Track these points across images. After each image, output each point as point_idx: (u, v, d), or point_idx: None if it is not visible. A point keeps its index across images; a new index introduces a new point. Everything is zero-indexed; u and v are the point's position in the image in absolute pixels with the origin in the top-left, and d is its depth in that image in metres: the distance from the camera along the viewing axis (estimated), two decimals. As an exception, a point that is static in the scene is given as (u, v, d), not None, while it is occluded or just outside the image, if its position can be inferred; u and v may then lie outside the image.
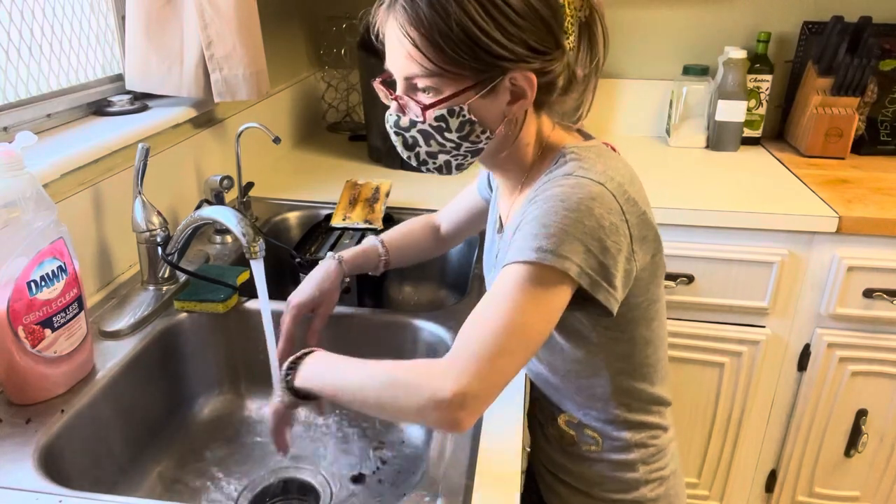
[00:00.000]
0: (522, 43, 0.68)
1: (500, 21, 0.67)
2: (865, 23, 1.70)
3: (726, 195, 1.50)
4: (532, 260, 0.66)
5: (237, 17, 1.23)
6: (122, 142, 1.09)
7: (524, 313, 0.66)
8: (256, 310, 1.06)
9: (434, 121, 0.72)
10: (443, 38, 0.67)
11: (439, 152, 0.76)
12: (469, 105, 0.71)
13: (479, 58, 0.68)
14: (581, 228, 0.67)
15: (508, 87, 0.71)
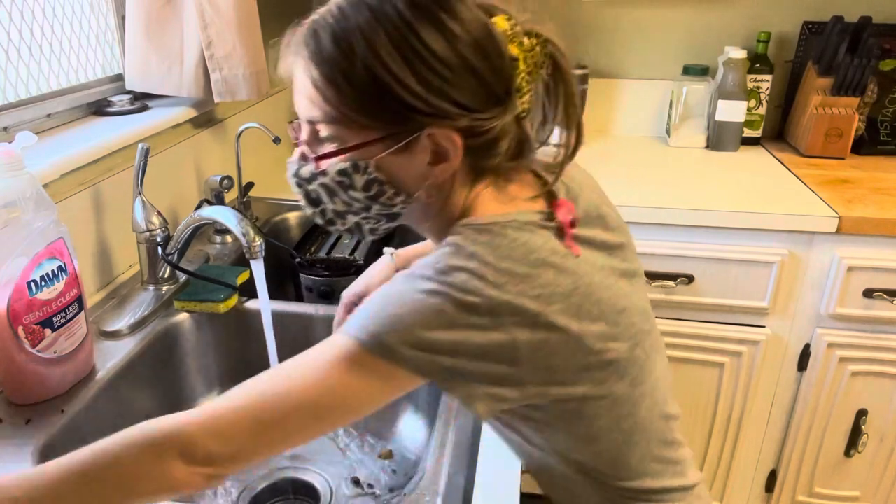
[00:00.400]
0: (444, 96, 0.58)
1: (418, 68, 0.57)
2: (865, 23, 1.70)
3: (726, 195, 1.50)
4: (356, 338, 0.56)
5: (237, 17, 1.23)
6: (122, 142, 1.09)
7: (325, 393, 0.57)
8: (256, 310, 1.06)
9: (337, 175, 0.62)
10: (346, 79, 0.58)
11: (347, 212, 0.65)
12: (377, 161, 0.60)
13: (387, 107, 0.58)
14: (401, 325, 0.56)
15: (428, 145, 0.60)
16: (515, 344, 0.57)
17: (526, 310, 0.57)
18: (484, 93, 0.60)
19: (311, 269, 1.20)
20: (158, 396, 0.99)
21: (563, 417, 0.65)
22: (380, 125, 0.59)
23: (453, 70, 0.58)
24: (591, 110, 1.96)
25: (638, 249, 0.75)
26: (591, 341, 0.61)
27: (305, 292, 1.21)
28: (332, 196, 0.64)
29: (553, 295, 0.59)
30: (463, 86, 0.58)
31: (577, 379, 0.62)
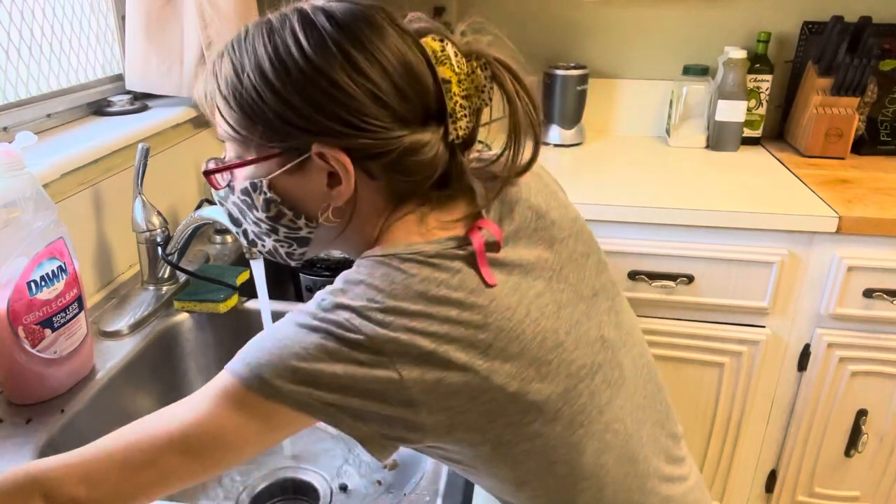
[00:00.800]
0: (330, 115, 0.55)
1: (303, 86, 0.54)
2: (865, 23, 1.70)
3: (726, 195, 1.50)
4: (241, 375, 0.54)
5: (237, 17, 1.23)
6: (122, 142, 1.09)
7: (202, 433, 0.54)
8: (256, 310, 1.06)
9: (241, 194, 0.61)
10: (234, 93, 0.57)
11: (262, 234, 0.64)
12: (271, 181, 0.59)
13: (272, 124, 0.56)
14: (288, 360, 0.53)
15: (323, 166, 0.57)
16: (404, 383, 0.53)
17: (415, 347, 0.53)
18: (383, 113, 0.55)
19: (311, 269, 1.20)
20: (158, 396, 0.99)
21: (481, 460, 0.59)
22: (270, 142, 0.57)
23: (340, 90, 0.54)
24: (591, 110, 1.96)
25: (638, 250, 0.70)
26: (504, 381, 0.55)
27: (305, 292, 1.21)
28: (244, 216, 0.63)
29: (452, 333, 0.54)
30: (353, 106, 0.55)
31: (488, 422, 0.56)
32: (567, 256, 0.63)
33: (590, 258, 0.66)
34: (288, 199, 0.60)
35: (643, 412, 0.67)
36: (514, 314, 0.56)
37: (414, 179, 0.59)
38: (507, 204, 0.63)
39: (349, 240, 0.63)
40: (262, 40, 0.56)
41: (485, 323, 0.55)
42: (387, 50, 0.56)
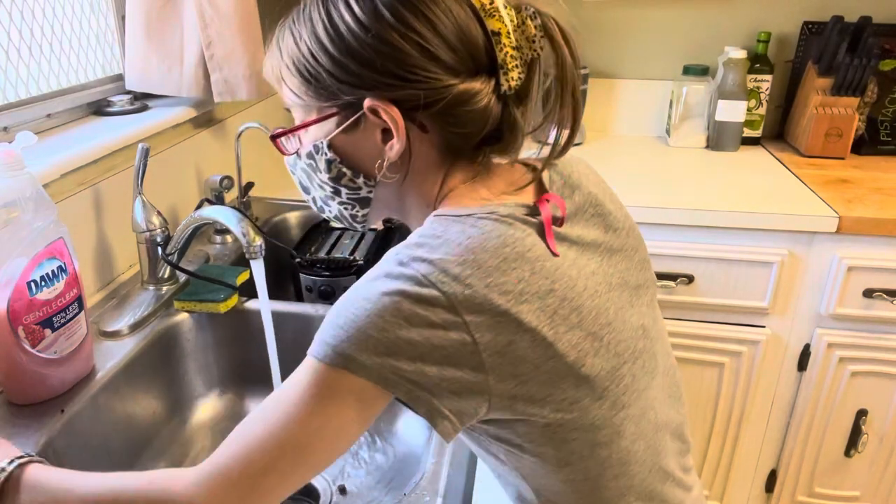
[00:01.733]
0: (378, 69, 0.57)
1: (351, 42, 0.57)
2: (865, 23, 1.70)
3: (726, 195, 1.50)
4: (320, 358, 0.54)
5: (237, 17, 1.23)
6: (122, 142, 1.09)
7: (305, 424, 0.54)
8: (256, 310, 1.06)
9: (306, 159, 0.64)
10: (293, 60, 0.62)
11: (327, 198, 0.67)
12: (330, 141, 0.62)
13: (320, 83, 0.60)
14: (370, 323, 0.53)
15: (375, 121, 0.59)
16: (477, 346, 0.53)
17: (492, 305, 0.53)
18: (431, 64, 0.57)
19: (311, 269, 1.20)
20: (158, 396, 0.99)
21: (531, 437, 0.60)
22: (325, 104, 0.61)
23: (388, 44, 0.56)
24: (591, 110, 1.96)
25: (638, 249, 0.73)
26: (565, 349, 0.56)
27: (305, 292, 1.21)
28: (310, 181, 0.66)
29: (525, 293, 0.55)
30: (400, 59, 0.57)
31: (548, 394, 0.57)
32: (619, 245, 0.66)
33: (637, 253, 0.69)
34: (346, 157, 0.62)
35: (669, 409, 0.68)
36: (574, 285, 0.58)
37: (466, 131, 0.60)
38: (569, 186, 0.66)
39: (409, 199, 0.65)
40: (317, 10, 0.60)
41: (551, 289, 0.56)
42: (434, 5, 0.57)
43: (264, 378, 1.10)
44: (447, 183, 0.62)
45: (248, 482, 0.53)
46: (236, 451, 0.54)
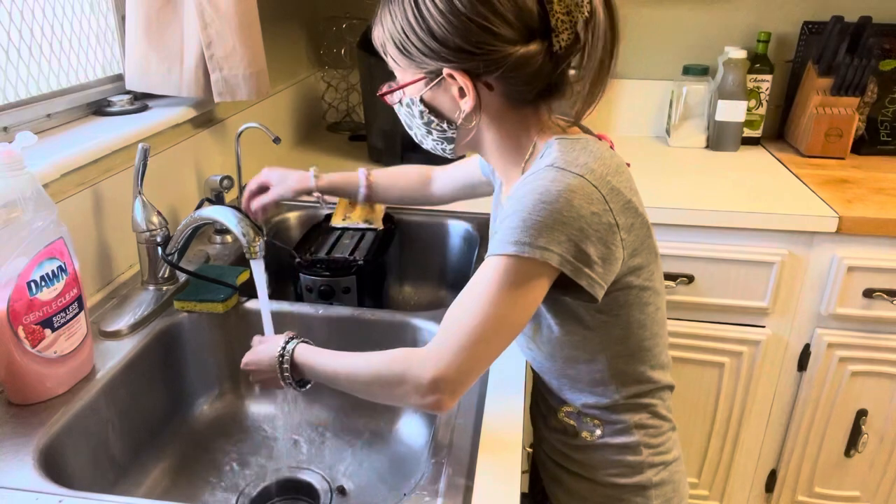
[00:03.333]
0: (451, 45, 0.73)
1: (430, 23, 0.73)
2: (865, 23, 1.70)
3: (726, 195, 1.50)
4: (510, 253, 0.69)
5: (237, 17, 1.23)
6: (122, 142, 1.09)
7: (501, 305, 0.70)
8: (256, 310, 1.06)
9: (405, 107, 0.82)
10: (392, 37, 0.77)
11: (423, 135, 0.85)
12: (422, 96, 0.79)
13: (416, 56, 0.76)
14: (560, 219, 0.69)
15: (452, 83, 0.76)
16: (618, 227, 0.73)
17: (622, 196, 0.74)
18: (491, 38, 0.71)
19: (311, 269, 1.20)
20: (158, 396, 0.99)
21: (628, 303, 0.80)
22: (417, 70, 0.77)
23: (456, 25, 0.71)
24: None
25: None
26: (652, 233, 0.80)
27: (305, 292, 1.21)
28: (411, 121, 0.84)
29: (632, 189, 0.78)
30: (467, 36, 0.71)
31: (645, 265, 0.79)
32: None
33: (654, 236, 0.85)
34: (433, 109, 0.80)
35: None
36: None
37: (525, 87, 0.76)
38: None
39: (485, 139, 0.82)
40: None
41: (631, 189, 0.78)
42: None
43: (264, 378, 1.10)
44: (532, 124, 0.80)
45: (465, 351, 0.70)
46: (458, 332, 0.70)
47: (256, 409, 1.09)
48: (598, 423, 0.87)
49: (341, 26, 1.98)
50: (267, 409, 1.09)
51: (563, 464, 0.93)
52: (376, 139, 1.75)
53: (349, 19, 1.97)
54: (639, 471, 0.88)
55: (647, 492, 0.88)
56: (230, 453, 1.00)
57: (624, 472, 0.88)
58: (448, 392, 0.71)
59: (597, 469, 0.89)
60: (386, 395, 0.76)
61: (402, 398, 0.74)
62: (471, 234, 1.39)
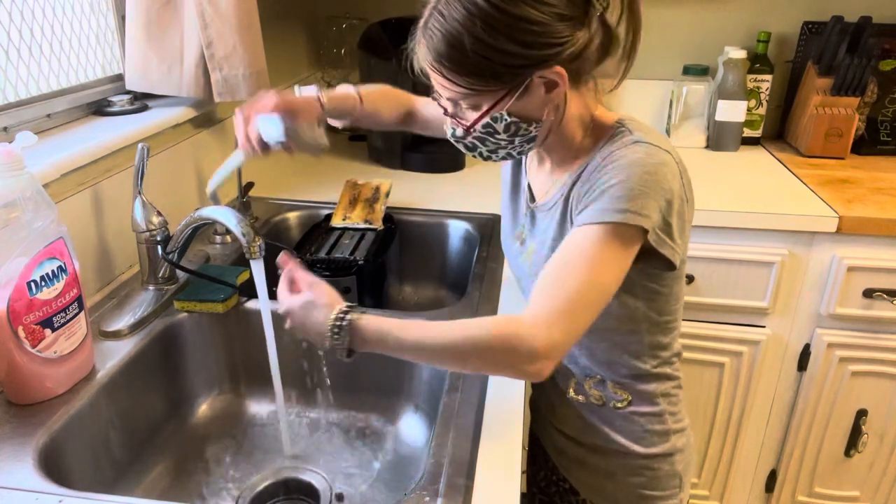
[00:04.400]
0: (541, 45, 0.71)
1: (516, 35, 0.70)
2: (865, 23, 1.70)
3: (726, 195, 1.50)
4: (617, 220, 0.72)
5: (237, 16, 1.23)
6: (122, 142, 1.09)
7: (605, 270, 0.72)
8: (256, 310, 1.06)
9: (482, 128, 0.78)
10: (465, 67, 0.72)
11: (497, 149, 0.81)
12: (508, 110, 0.76)
13: (502, 73, 0.72)
14: (656, 190, 0.73)
15: (540, 81, 0.74)
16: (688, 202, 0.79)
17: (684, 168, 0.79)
18: (568, 25, 0.71)
19: (311, 269, 1.20)
20: (158, 396, 0.99)
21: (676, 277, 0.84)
22: (501, 86, 0.74)
23: (541, 24, 0.70)
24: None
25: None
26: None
27: (305, 292, 1.20)
28: (483, 142, 0.81)
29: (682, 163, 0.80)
30: (552, 30, 0.70)
31: (688, 238, 0.82)
32: None
33: None
34: (522, 115, 0.77)
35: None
36: None
37: (590, 62, 0.76)
38: None
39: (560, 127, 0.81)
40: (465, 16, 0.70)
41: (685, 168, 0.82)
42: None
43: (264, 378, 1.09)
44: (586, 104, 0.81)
45: (572, 316, 0.71)
46: (565, 297, 0.71)
47: (256, 409, 1.09)
48: (626, 393, 0.90)
49: (341, 26, 1.98)
50: (267, 408, 1.09)
51: (586, 441, 0.95)
52: (376, 139, 1.75)
53: (349, 19, 1.97)
54: (665, 438, 0.92)
55: (673, 457, 0.93)
56: (230, 453, 1.00)
57: (653, 442, 0.92)
58: (554, 358, 0.71)
59: (626, 440, 0.92)
60: (485, 363, 0.73)
61: (506, 366, 0.72)
62: (471, 234, 1.39)
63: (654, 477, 0.93)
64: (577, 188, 0.80)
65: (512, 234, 0.97)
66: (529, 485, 1.11)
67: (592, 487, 0.97)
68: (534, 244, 0.89)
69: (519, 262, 0.95)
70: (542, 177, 0.90)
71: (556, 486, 1.05)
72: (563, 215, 0.83)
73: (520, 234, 0.94)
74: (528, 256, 0.91)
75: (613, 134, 0.80)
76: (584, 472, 0.97)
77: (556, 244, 0.83)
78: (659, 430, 0.91)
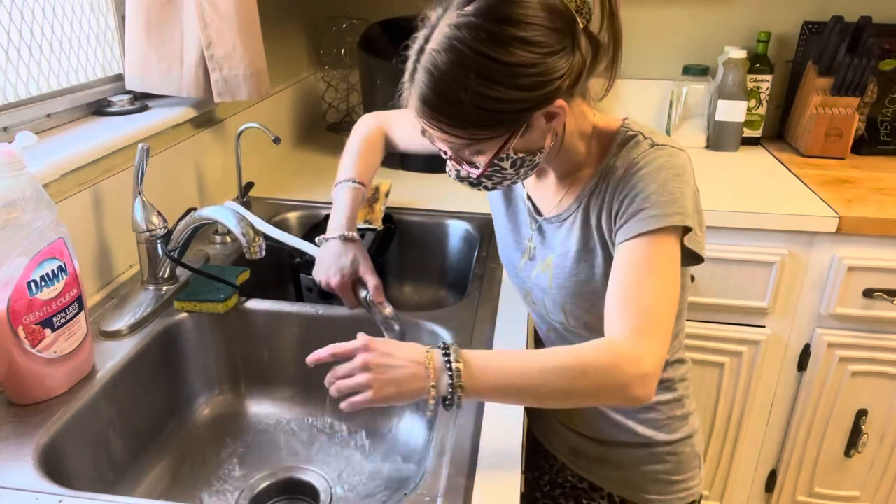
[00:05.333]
0: (540, 85, 0.69)
1: (513, 81, 0.68)
2: (865, 23, 1.70)
3: (726, 195, 1.50)
4: (666, 224, 0.73)
5: (237, 16, 1.23)
6: (122, 142, 1.09)
7: (672, 274, 0.74)
8: (256, 310, 1.06)
9: (488, 168, 0.77)
10: (464, 120, 0.70)
11: (503, 180, 0.80)
12: (513, 148, 0.74)
13: (503, 119, 0.71)
14: (687, 190, 0.76)
15: (541, 114, 0.73)
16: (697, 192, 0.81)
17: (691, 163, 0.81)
18: (564, 57, 0.70)
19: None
20: (158, 396, 0.99)
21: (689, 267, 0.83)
22: (504, 130, 0.72)
23: (535, 65, 0.68)
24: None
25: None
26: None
27: (305, 292, 1.21)
28: (489, 178, 0.79)
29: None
30: (549, 66, 0.69)
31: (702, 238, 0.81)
32: None
33: None
34: (527, 150, 0.76)
35: None
36: None
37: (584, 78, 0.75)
38: None
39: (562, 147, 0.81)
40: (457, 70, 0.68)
41: None
42: (542, 15, 0.68)
43: (264, 378, 1.10)
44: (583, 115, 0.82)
45: (667, 331, 0.71)
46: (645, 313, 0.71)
47: (256, 409, 1.09)
48: None
49: (341, 26, 1.98)
50: (267, 408, 1.09)
51: (607, 439, 0.95)
52: (376, 139, 1.75)
53: (349, 19, 1.97)
54: (685, 422, 0.94)
55: (693, 439, 0.96)
56: (230, 453, 1.00)
57: (676, 427, 0.94)
58: (659, 374, 0.70)
59: (650, 431, 0.93)
60: (593, 391, 0.69)
61: (618, 391, 0.68)
62: (471, 234, 1.39)
63: (678, 462, 0.95)
64: (600, 197, 0.80)
65: (516, 250, 0.95)
66: (532, 490, 1.11)
67: (617, 482, 0.98)
68: (553, 257, 0.88)
69: (531, 277, 0.92)
70: (547, 189, 0.89)
71: (562, 489, 1.04)
72: (585, 224, 0.83)
73: (528, 248, 0.92)
74: (546, 269, 0.89)
75: (625, 139, 0.81)
76: (606, 468, 0.98)
77: (581, 255, 0.84)
78: (679, 414, 0.94)
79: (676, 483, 0.96)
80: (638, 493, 0.97)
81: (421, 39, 0.71)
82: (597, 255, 0.82)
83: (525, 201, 0.93)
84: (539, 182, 0.91)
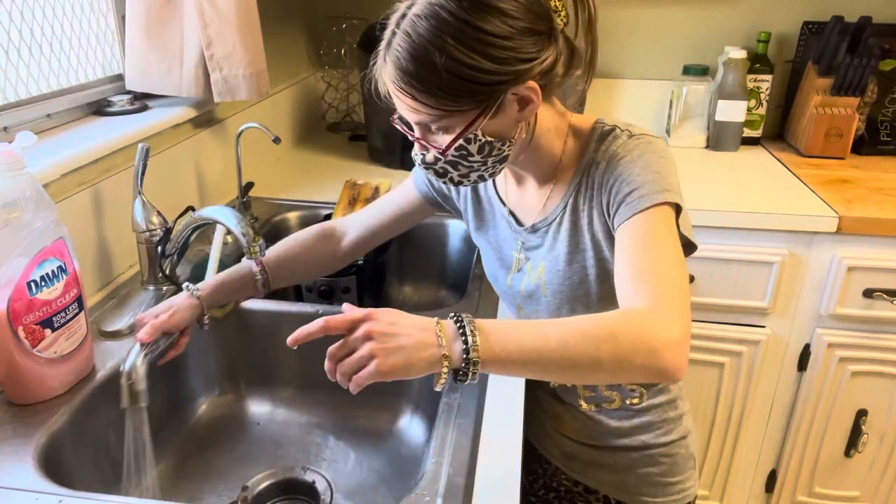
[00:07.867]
0: (513, 61, 0.70)
1: (487, 51, 0.68)
2: (865, 23, 1.70)
3: (726, 195, 1.50)
4: (659, 201, 0.72)
5: (237, 16, 1.23)
6: (122, 142, 1.09)
7: (674, 244, 0.72)
8: (256, 310, 1.06)
9: (455, 151, 0.75)
10: (437, 87, 0.70)
11: (469, 172, 0.79)
12: (482, 129, 0.73)
13: (475, 92, 0.70)
14: (672, 170, 0.76)
15: (513, 98, 0.73)
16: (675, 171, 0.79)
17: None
18: (540, 39, 0.71)
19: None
20: (158, 396, 0.99)
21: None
22: (475, 105, 0.71)
23: (512, 39, 0.69)
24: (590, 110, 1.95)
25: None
26: None
27: (305, 292, 1.21)
28: (455, 167, 0.77)
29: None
30: (524, 45, 0.70)
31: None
32: None
33: None
34: (495, 135, 0.75)
35: None
36: None
37: (557, 75, 0.75)
38: None
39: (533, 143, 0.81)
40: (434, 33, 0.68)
41: None
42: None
43: (264, 378, 1.10)
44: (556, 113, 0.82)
45: (686, 299, 0.67)
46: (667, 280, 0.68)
47: (256, 409, 1.09)
48: (640, 387, 0.92)
49: (341, 26, 1.98)
50: (267, 408, 1.09)
51: (601, 444, 0.95)
52: (376, 139, 1.75)
53: (349, 19, 1.97)
54: (679, 423, 0.94)
55: (686, 440, 0.96)
56: (230, 453, 1.00)
57: (670, 429, 0.94)
58: (688, 341, 0.64)
59: (644, 435, 0.93)
60: (621, 357, 0.61)
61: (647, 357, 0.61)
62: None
63: (673, 463, 0.95)
64: (587, 194, 0.80)
65: (500, 267, 0.94)
66: (527, 494, 1.11)
67: (612, 484, 0.98)
68: (544, 263, 0.87)
69: (521, 290, 0.91)
70: (530, 196, 0.88)
71: (557, 492, 1.04)
72: (573, 225, 0.82)
73: (516, 260, 0.91)
74: (537, 276, 0.88)
75: (602, 134, 0.81)
76: (600, 471, 0.98)
77: (572, 256, 0.83)
78: (673, 416, 0.94)
79: (672, 485, 0.96)
80: (633, 496, 0.97)
81: (403, 7, 0.72)
82: (588, 256, 0.82)
83: (506, 217, 0.91)
84: (521, 191, 0.90)
